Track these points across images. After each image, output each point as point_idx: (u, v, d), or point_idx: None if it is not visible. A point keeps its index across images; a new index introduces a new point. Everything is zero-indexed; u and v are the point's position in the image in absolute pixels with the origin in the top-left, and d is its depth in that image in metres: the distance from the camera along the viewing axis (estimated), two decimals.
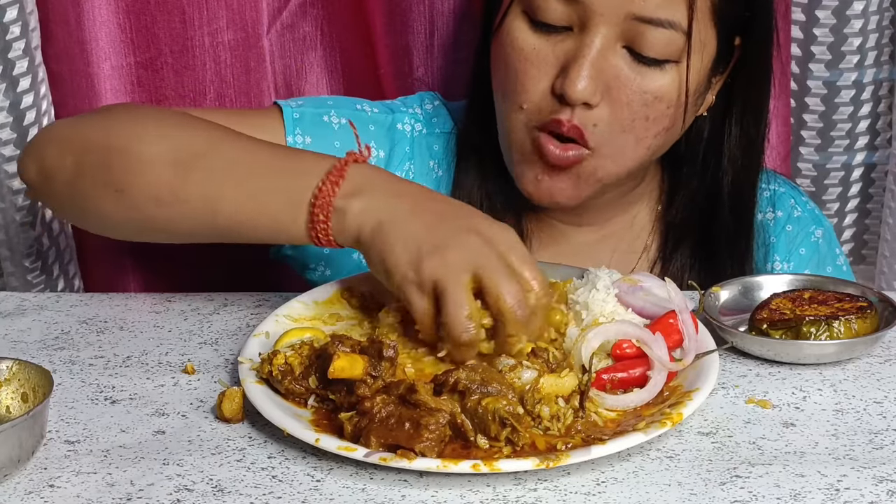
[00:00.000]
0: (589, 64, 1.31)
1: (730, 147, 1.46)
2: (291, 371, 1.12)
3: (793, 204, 1.57)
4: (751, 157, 1.48)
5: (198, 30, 1.63)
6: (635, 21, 1.30)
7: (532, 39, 1.35)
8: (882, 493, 1.00)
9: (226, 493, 1.01)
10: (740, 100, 1.45)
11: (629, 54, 1.33)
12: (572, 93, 1.31)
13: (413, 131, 1.53)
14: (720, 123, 1.46)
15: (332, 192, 1.19)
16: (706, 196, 1.49)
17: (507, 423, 1.03)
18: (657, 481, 1.02)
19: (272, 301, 1.39)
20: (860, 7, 1.70)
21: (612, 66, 1.32)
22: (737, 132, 1.46)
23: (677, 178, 1.52)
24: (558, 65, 1.33)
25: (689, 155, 1.49)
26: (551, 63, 1.34)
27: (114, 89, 1.63)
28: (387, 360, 1.10)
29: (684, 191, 1.51)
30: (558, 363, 1.14)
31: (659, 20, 1.30)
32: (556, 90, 1.33)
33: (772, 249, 1.55)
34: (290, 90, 1.72)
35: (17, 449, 1.01)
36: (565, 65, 1.32)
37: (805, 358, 1.22)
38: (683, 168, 1.50)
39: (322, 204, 1.19)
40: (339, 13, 1.70)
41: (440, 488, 1.01)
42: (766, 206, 1.55)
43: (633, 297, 1.25)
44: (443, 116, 1.56)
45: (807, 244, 1.57)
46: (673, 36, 1.31)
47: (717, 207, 1.49)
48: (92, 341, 1.30)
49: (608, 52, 1.32)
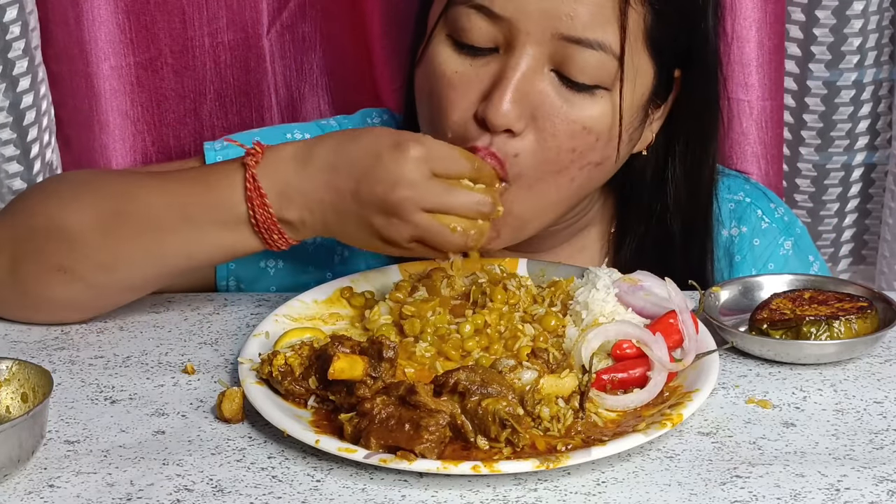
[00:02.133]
0: (513, 87, 1.23)
1: (675, 188, 1.39)
2: (291, 372, 1.12)
3: (760, 215, 1.50)
4: (698, 196, 1.41)
5: (198, 30, 1.63)
6: (563, 41, 1.23)
7: (455, 63, 1.27)
8: (882, 493, 1.00)
9: (226, 493, 1.00)
10: (682, 137, 1.38)
11: (557, 78, 1.25)
12: (494, 118, 1.22)
13: None
14: (663, 164, 1.39)
15: (266, 213, 1.22)
16: (654, 239, 1.43)
17: (507, 424, 1.03)
18: (657, 481, 1.02)
19: (272, 301, 1.39)
20: (860, 7, 1.70)
21: (539, 92, 1.24)
22: (680, 173, 1.39)
23: (625, 220, 1.45)
24: (482, 88, 1.25)
25: (634, 196, 1.42)
26: (475, 87, 1.26)
27: (113, 89, 1.63)
28: (387, 361, 1.10)
29: (631, 236, 1.44)
30: (558, 364, 1.14)
31: (588, 41, 1.23)
32: (479, 115, 1.25)
33: (737, 268, 1.49)
34: (290, 90, 1.72)
35: (17, 449, 1.01)
36: (489, 88, 1.25)
37: (805, 358, 1.22)
38: (630, 210, 1.43)
39: (268, 227, 1.23)
40: (338, 14, 1.70)
41: (440, 488, 1.01)
42: (729, 221, 1.49)
43: (633, 296, 1.25)
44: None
45: (775, 258, 1.50)
46: (604, 59, 1.23)
47: (668, 252, 1.42)
48: (92, 341, 1.30)
49: (535, 75, 1.24)
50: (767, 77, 1.70)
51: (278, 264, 1.48)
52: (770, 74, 1.70)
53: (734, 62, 1.66)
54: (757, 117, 1.70)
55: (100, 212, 1.25)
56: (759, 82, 1.69)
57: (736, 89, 1.68)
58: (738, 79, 1.68)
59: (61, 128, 1.66)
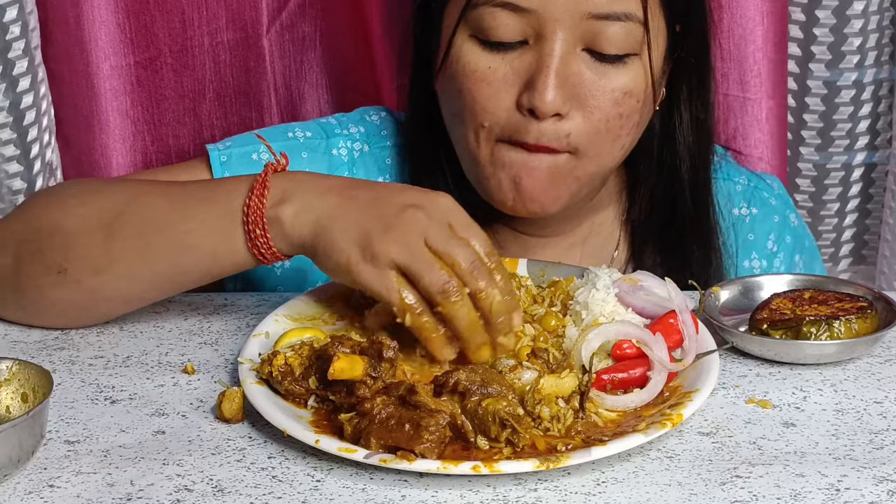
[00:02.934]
0: (554, 73, 1.28)
1: (683, 134, 1.45)
2: (291, 372, 1.12)
3: (765, 196, 1.58)
4: (702, 139, 1.47)
5: (197, 30, 1.63)
6: (592, 20, 1.28)
7: (486, 60, 1.31)
8: (882, 493, 1.00)
9: (226, 493, 1.00)
10: (685, 85, 1.44)
11: (590, 56, 1.31)
12: (542, 105, 1.28)
13: (352, 153, 1.50)
14: (667, 114, 1.45)
15: (260, 204, 1.18)
16: (665, 189, 1.48)
17: (507, 424, 1.03)
18: (657, 481, 1.02)
19: (272, 301, 1.39)
20: (860, 7, 1.70)
21: (576, 73, 1.30)
22: (687, 118, 1.45)
23: (636, 177, 1.51)
24: (519, 81, 1.30)
25: (644, 151, 1.47)
26: (511, 80, 1.31)
27: (114, 89, 1.63)
28: (387, 361, 1.10)
29: (643, 187, 1.50)
30: (558, 364, 1.14)
31: (615, 14, 1.29)
32: (524, 105, 1.30)
33: (749, 246, 1.55)
34: (290, 90, 1.72)
35: (17, 449, 1.01)
36: (529, 79, 1.30)
37: (805, 358, 1.22)
38: (641, 165, 1.49)
39: (255, 219, 1.18)
40: (338, 13, 1.70)
41: (440, 488, 1.01)
42: (738, 201, 1.55)
43: (634, 297, 1.25)
44: (391, 128, 1.53)
45: (789, 230, 1.58)
46: (630, 27, 1.30)
47: (677, 197, 1.48)
48: (92, 341, 1.30)
49: (570, 58, 1.29)
50: (769, 75, 1.70)
51: (284, 264, 1.48)
52: (772, 72, 1.70)
53: (736, 60, 1.66)
54: (759, 115, 1.70)
55: (101, 215, 1.24)
56: (761, 80, 1.70)
57: (738, 87, 1.68)
58: (739, 77, 1.68)
59: (61, 128, 1.66)
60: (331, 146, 1.50)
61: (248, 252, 1.20)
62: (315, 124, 1.52)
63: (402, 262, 1.12)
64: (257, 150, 1.46)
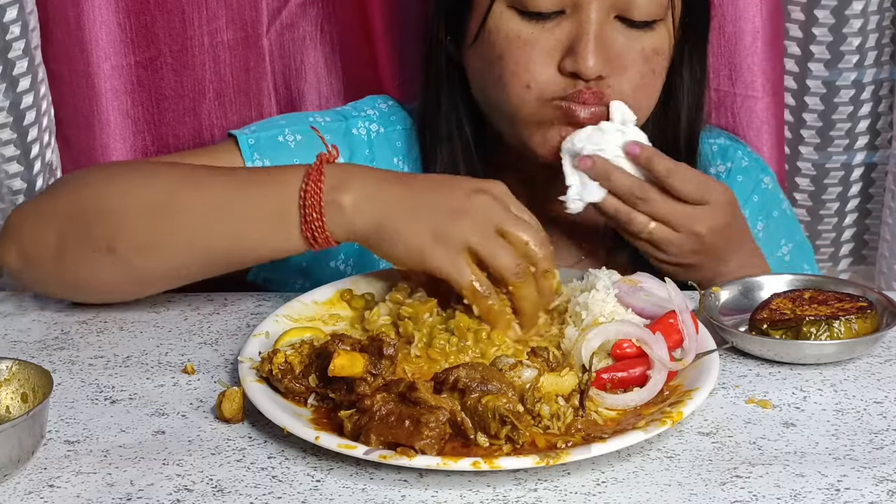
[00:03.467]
0: (593, 39, 1.36)
1: (683, 93, 1.51)
2: (291, 370, 1.12)
3: (739, 155, 1.63)
4: (699, 100, 1.53)
5: (197, 29, 1.63)
6: None
7: (526, 28, 1.39)
8: (882, 493, 1.00)
9: (226, 493, 1.00)
10: (686, 47, 1.50)
11: (621, 23, 1.39)
12: (585, 69, 1.35)
13: (370, 133, 1.55)
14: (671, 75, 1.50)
15: (317, 189, 1.22)
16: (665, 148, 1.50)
17: (506, 420, 1.03)
18: (657, 481, 1.02)
19: (272, 301, 1.39)
20: (860, 7, 1.70)
21: (611, 38, 1.38)
22: (687, 78, 1.51)
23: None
24: (560, 47, 1.38)
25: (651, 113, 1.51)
26: (552, 46, 1.38)
27: (114, 89, 1.63)
28: (387, 357, 1.10)
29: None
30: (559, 362, 1.14)
31: None
32: (567, 70, 1.37)
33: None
34: (290, 90, 1.72)
35: (17, 449, 1.01)
36: (570, 45, 1.37)
37: (805, 358, 1.22)
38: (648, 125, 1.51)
39: (312, 203, 1.22)
40: (339, 12, 1.70)
41: (440, 488, 1.01)
42: (715, 159, 1.61)
43: (633, 297, 1.25)
44: (399, 115, 1.58)
45: (759, 191, 1.61)
46: None
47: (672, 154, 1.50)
48: (92, 341, 1.30)
49: (605, 26, 1.38)
50: (768, 73, 1.70)
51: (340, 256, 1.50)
52: (770, 71, 1.70)
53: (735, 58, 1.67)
54: (759, 113, 1.70)
55: (153, 196, 1.28)
56: (760, 78, 1.69)
57: (737, 85, 1.68)
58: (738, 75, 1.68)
59: (61, 128, 1.66)
60: (350, 126, 1.54)
61: (301, 236, 1.24)
62: (332, 112, 1.58)
63: (476, 245, 1.19)
64: (283, 132, 1.50)
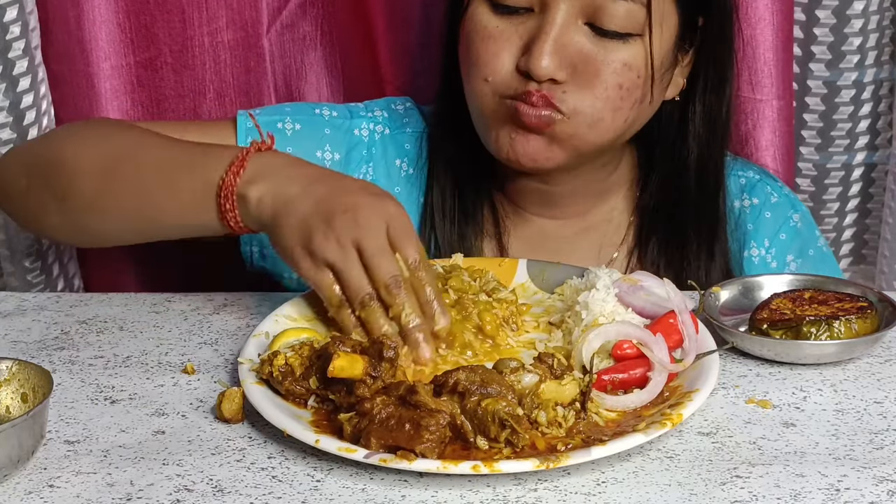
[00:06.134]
0: (551, 41, 1.34)
1: (694, 124, 1.49)
2: (292, 372, 1.12)
3: (769, 191, 1.60)
4: (713, 133, 1.51)
5: (197, 29, 1.63)
6: None
7: (494, 21, 1.38)
8: (882, 493, 1.00)
9: (226, 493, 1.00)
10: (702, 79, 1.48)
11: (591, 30, 1.35)
12: (537, 69, 1.33)
13: (373, 135, 1.55)
14: (685, 104, 1.49)
15: (233, 181, 1.26)
16: (676, 177, 1.51)
17: (506, 424, 1.03)
18: (657, 481, 1.02)
19: (272, 301, 1.39)
20: (860, 7, 1.70)
21: (575, 43, 1.35)
22: (700, 110, 1.49)
23: (650, 165, 1.54)
24: (521, 43, 1.36)
25: (660, 139, 1.51)
26: (514, 42, 1.37)
27: (114, 89, 1.63)
28: (387, 360, 1.10)
29: (656, 174, 1.53)
30: (563, 370, 1.13)
31: None
32: (521, 68, 1.36)
33: (749, 237, 1.57)
34: (290, 90, 1.72)
35: (17, 449, 1.01)
36: (528, 43, 1.35)
37: (805, 358, 1.22)
38: (655, 152, 1.52)
39: (226, 193, 1.27)
40: (339, 13, 1.70)
41: (440, 488, 1.01)
42: (740, 193, 1.58)
43: (633, 297, 1.25)
44: (414, 118, 1.58)
45: (786, 228, 1.59)
46: (632, 8, 1.34)
47: (684, 185, 1.51)
48: (92, 341, 1.30)
49: (570, 29, 1.34)
50: (776, 76, 1.69)
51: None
52: (779, 73, 1.70)
53: (745, 61, 1.67)
54: (767, 116, 1.70)
55: (103, 159, 1.35)
56: (769, 81, 1.69)
57: (746, 88, 1.68)
58: (748, 78, 1.68)
59: None
60: (353, 126, 1.55)
61: (220, 223, 1.29)
62: (343, 107, 1.58)
63: (334, 264, 1.21)
64: (283, 119, 1.52)
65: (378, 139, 1.55)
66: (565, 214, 1.53)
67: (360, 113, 1.57)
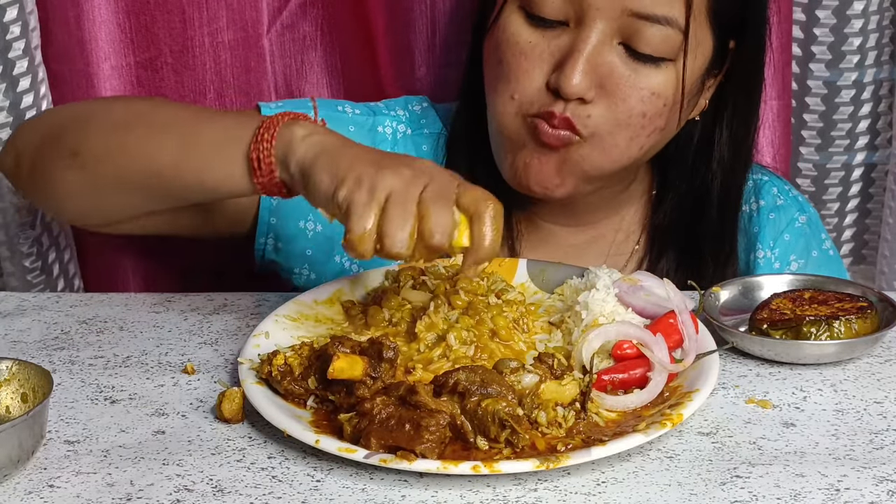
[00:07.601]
0: (584, 59, 1.31)
1: (719, 150, 1.47)
2: (291, 372, 1.12)
3: (775, 192, 1.59)
4: (738, 159, 1.49)
5: (198, 30, 1.63)
6: (632, 17, 1.31)
7: (527, 34, 1.35)
8: (882, 494, 1.00)
9: (226, 493, 1.01)
10: (731, 103, 1.46)
11: (625, 51, 1.33)
12: (567, 87, 1.31)
13: (396, 133, 1.54)
14: (710, 127, 1.47)
15: (280, 120, 1.20)
16: (694, 198, 1.50)
17: (506, 424, 1.03)
18: (657, 481, 1.02)
19: (272, 301, 1.39)
20: (860, 7, 1.70)
21: (607, 63, 1.32)
22: (726, 135, 1.47)
23: (666, 181, 1.53)
24: (553, 60, 1.34)
25: (678, 158, 1.49)
26: (546, 58, 1.34)
27: (114, 89, 1.63)
28: (386, 361, 1.10)
29: (672, 193, 1.52)
30: (563, 370, 1.13)
31: (656, 16, 1.31)
32: (551, 85, 1.33)
33: (755, 239, 1.57)
34: (290, 90, 1.72)
35: (17, 449, 1.01)
36: (560, 60, 1.33)
37: (805, 358, 1.22)
38: (672, 171, 1.51)
39: (268, 125, 1.19)
40: (340, 13, 1.70)
41: (440, 488, 1.01)
42: (748, 196, 1.57)
43: (633, 297, 1.25)
44: (431, 118, 1.57)
45: (791, 230, 1.58)
46: (669, 33, 1.32)
47: (704, 209, 1.50)
48: (92, 341, 1.30)
49: (604, 48, 1.32)
50: (775, 76, 1.69)
51: (316, 227, 1.50)
52: (777, 74, 1.70)
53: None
54: (766, 116, 1.70)
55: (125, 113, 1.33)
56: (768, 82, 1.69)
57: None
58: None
59: None
60: (377, 123, 1.54)
61: (245, 157, 1.20)
62: (363, 105, 1.57)
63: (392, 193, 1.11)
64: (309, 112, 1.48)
65: (400, 138, 1.54)
66: (578, 222, 1.52)
67: (383, 111, 1.55)
